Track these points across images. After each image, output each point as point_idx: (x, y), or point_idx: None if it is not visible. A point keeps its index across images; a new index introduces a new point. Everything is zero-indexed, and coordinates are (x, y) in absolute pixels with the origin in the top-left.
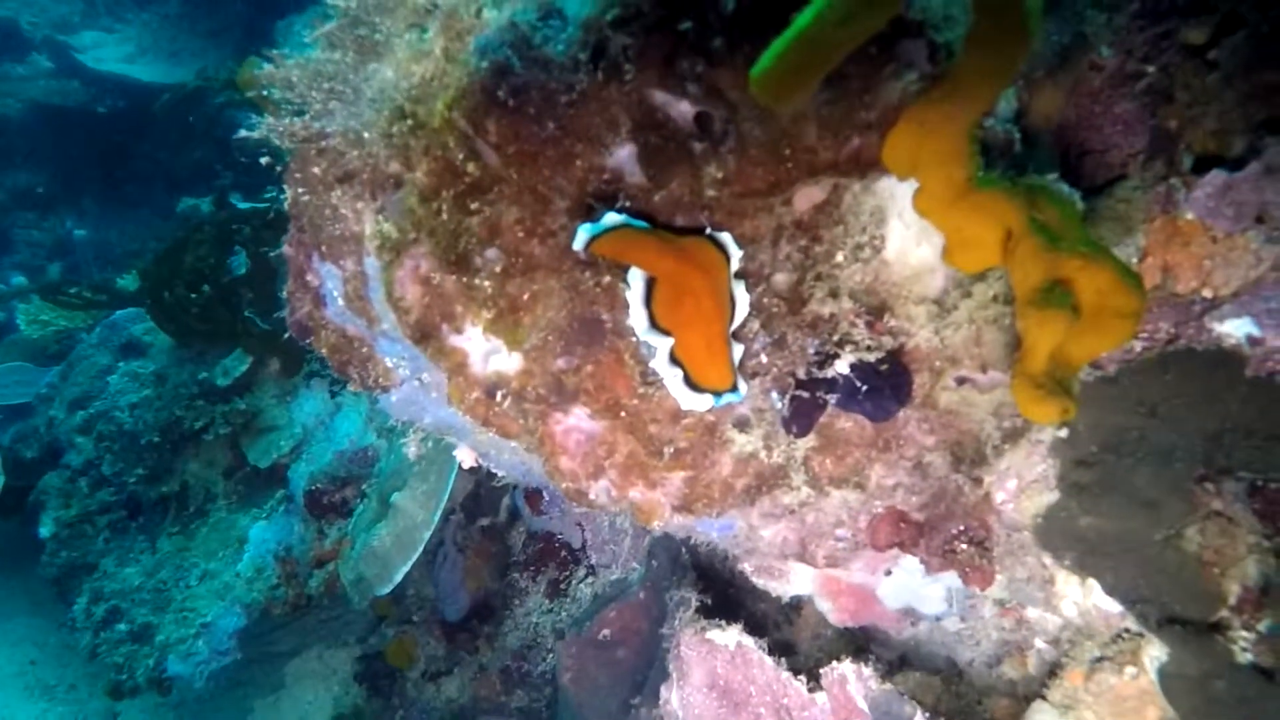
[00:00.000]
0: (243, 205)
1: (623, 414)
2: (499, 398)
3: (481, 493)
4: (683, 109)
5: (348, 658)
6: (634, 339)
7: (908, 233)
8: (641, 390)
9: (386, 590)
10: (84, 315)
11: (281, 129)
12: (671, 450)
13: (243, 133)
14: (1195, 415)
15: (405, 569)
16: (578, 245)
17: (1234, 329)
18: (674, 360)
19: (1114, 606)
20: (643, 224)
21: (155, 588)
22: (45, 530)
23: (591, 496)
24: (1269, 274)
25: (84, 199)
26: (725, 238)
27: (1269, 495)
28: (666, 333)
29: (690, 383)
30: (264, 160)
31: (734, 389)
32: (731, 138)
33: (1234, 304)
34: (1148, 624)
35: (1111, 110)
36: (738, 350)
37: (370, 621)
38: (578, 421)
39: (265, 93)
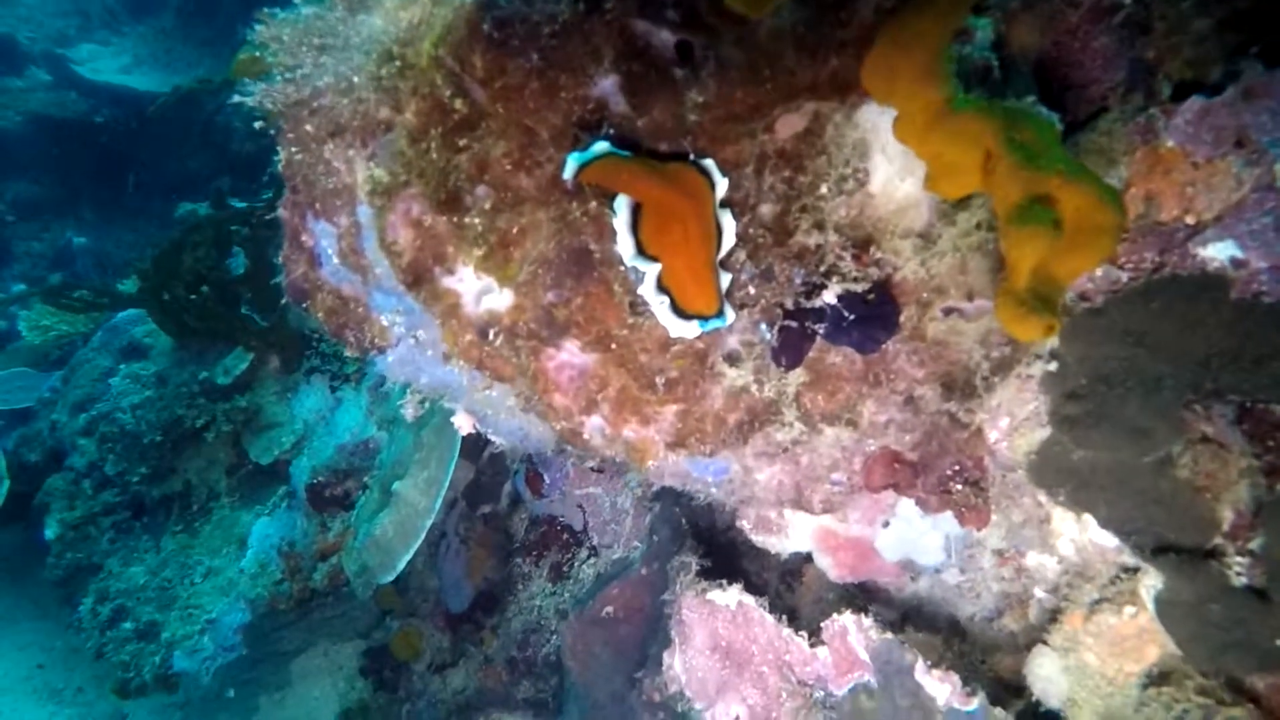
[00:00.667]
0: (240, 205)
1: (613, 345)
2: (491, 337)
3: (483, 481)
4: (663, 37)
5: (353, 652)
6: (622, 268)
7: (891, 167)
8: (631, 320)
9: (390, 578)
10: (85, 320)
11: (275, 93)
12: (663, 381)
13: (236, 98)
14: (1182, 341)
15: (408, 556)
16: (567, 174)
17: (1217, 252)
18: (661, 287)
19: (1110, 541)
20: (629, 153)
21: (160, 586)
22: (50, 532)
23: (586, 436)
24: (1250, 196)
25: (83, 208)
26: (709, 165)
27: (1257, 416)
28: (654, 259)
29: (677, 309)
30: (258, 124)
31: (720, 314)
32: (711, 62)
33: (1216, 228)
34: (1143, 554)
35: (1090, 45)
36: (725, 279)
37: (375, 615)
38: (569, 356)
39: (258, 53)
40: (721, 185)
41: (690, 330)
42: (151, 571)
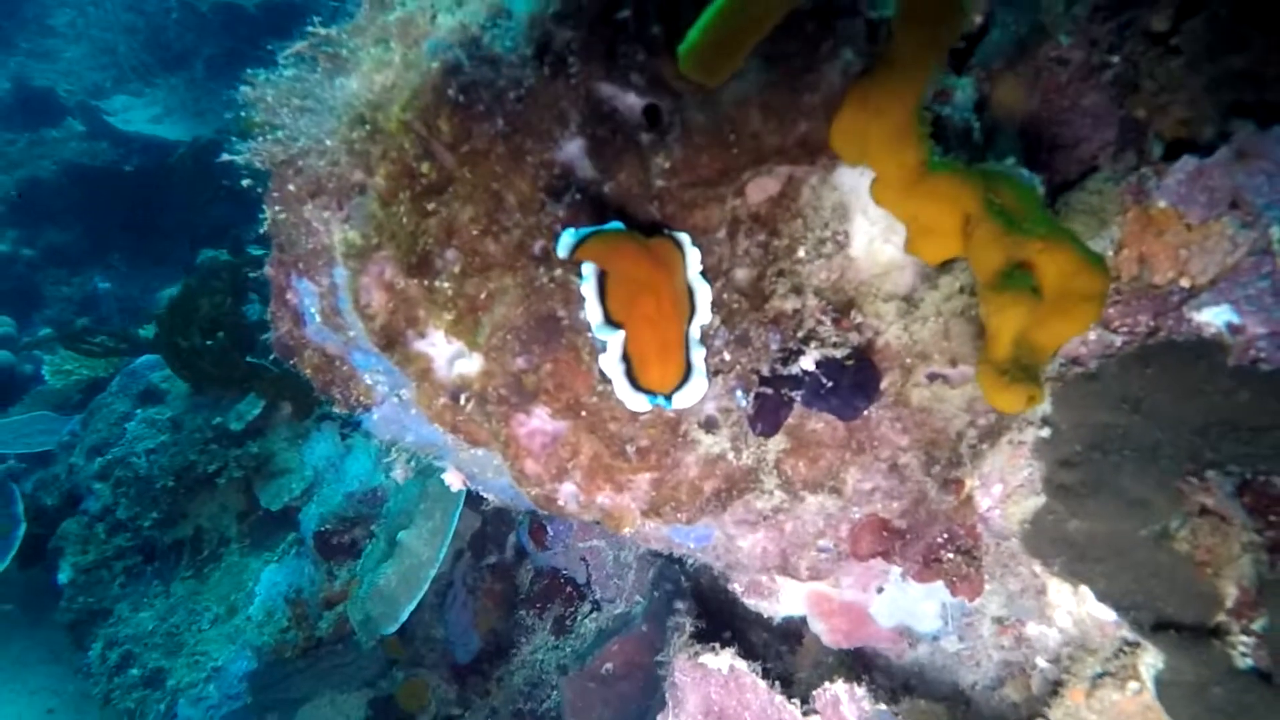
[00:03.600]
0: (257, 252)
1: (583, 413)
2: (463, 401)
3: (488, 530)
4: (629, 101)
5: (360, 701)
6: (591, 335)
7: (874, 229)
8: (600, 388)
9: (393, 629)
10: (106, 364)
11: (262, 152)
12: (634, 449)
13: (225, 156)
14: (1179, 409)
15: (411, 607)
16: (562, 252)
17: (1213, 317)
18: (624, 356)
19: (1108, 614)
20: (618, 225)
21: (168, 632)
22: (64, 576)
23: (561, 502)
24: (1246, 260)
25: (111, 255)
26: (684, 238)
27: (1258, 489)
28: (621, 327)
29: (633, 381)
30: (245, 183)
31: (668, 396)
32: (678, 127)
33: (1212, 292)
34: (1142, 630)
35: (1079, 103)
36: (700, 352)
37: (381, 664)
38: (540, 423)
39: (243, 114)
40: (695, 257)
41: (640, 404)
42: (160, 617)
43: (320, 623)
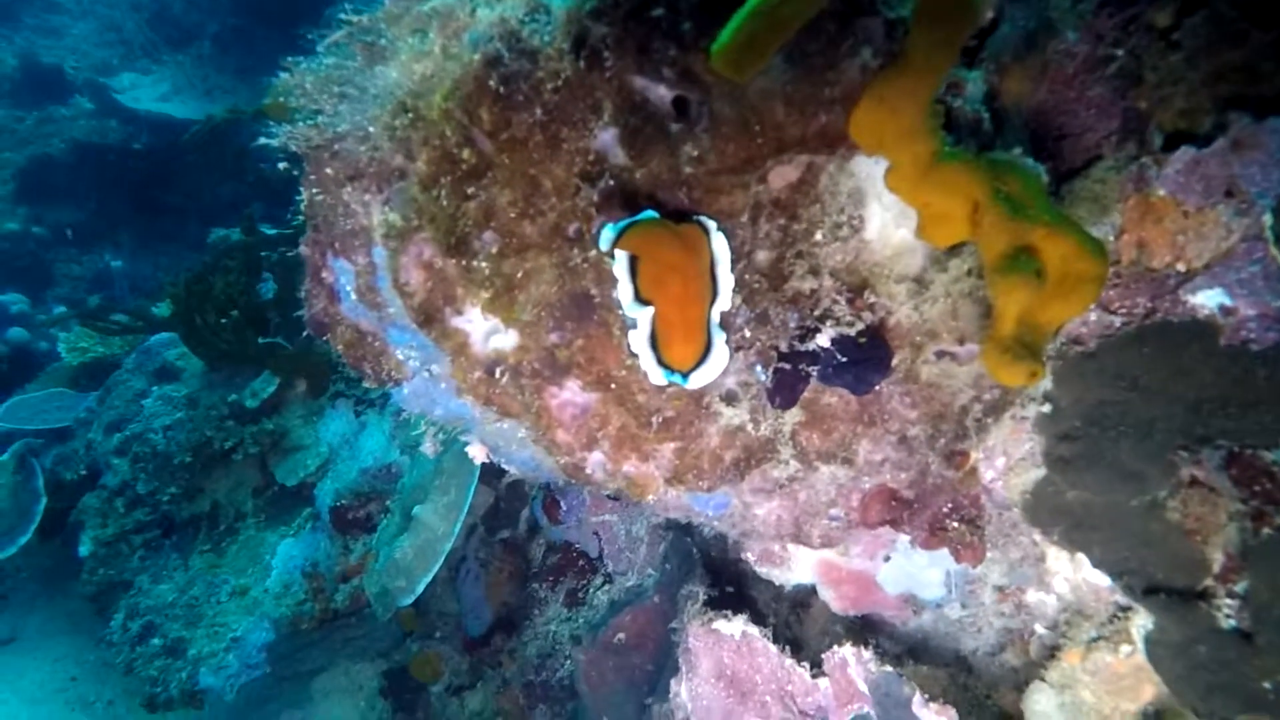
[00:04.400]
0: (270, 232)
1: (612, 385)
2: (498, 374)
3: (501, 506)
4: (661, 93)
5: (374, 672)
6: (621, 313)
7: (887, 214)
8: (629, 361)
9: (410, 601)
10: (121, 342)
11: (298, 136)
12: (659, 420)
13: (262, 140)
14: (1173, 386)
15: (427, 579)
16: (604, 245)
17: (1207, 300)
18: (653, 334)
19: (1104, 580)
20: (651, 214)
21: (188, 604)
22: (84, 549)
23: (588, 471)
24: (1239, 245)
25: (121, 233)
26: (710, 223)
27: (1245, 462)
28: (649, 304)
29: (658, 355)
30: (282, 166)
31: (686, 374)
32: (705, 118)
33: (1206, 276)
34: (1134, 594)
35: (1085, 94)
36: (720, 336)
37: (395, 636)
38: (571, 395)
39: (281, 99)
40: (720, 243)
41: (660, 379)
42: (180, 589)
43: (336, 595)
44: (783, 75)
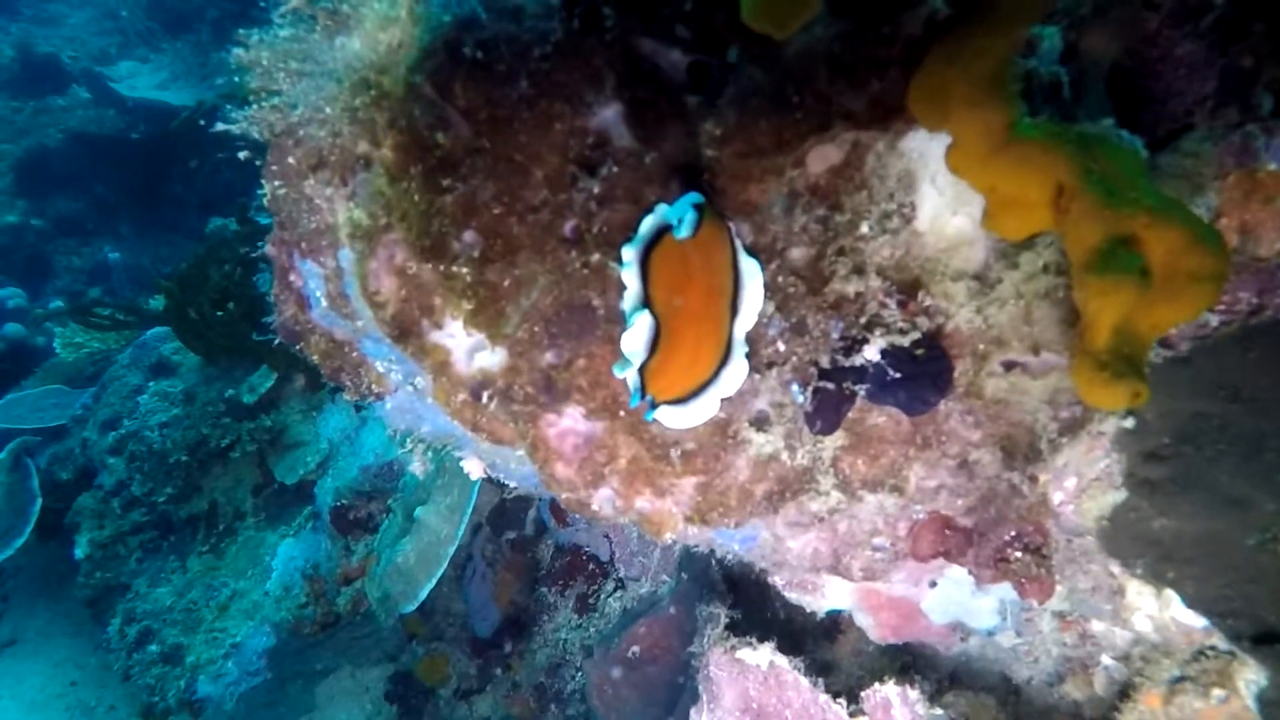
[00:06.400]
0: (266, 221)
1: (622, 412)
2: (485, 399)
3: (507, 505)
4: (674, 58)
5: (380, 676)
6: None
7: (941, 199)
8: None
9: (412, 607)
10: (118, 336)
11: (259, 120)
12: (679, 452)
13: (221, 126)
14: None
15: (430, 585)
16: (686, 231)
17: None
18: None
19: (1198, 621)
20: (697, 197)
21: (186, 608)
22: (80, 551)
23: (595, 508)
24: None
25: (120, 224)
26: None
27: None
28: (654, 315)
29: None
30: (243, 155)
31: (652, 406)
32: (731, 87)
33: None
34: (1240, 642)
35: (1172, 53)
36: (741, 349)
37: (401, 638)
38: (572, 423)
39: (237, 79)
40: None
41: (635, 400)
42: (178, 593)
43: (338, 599)
44: (827, 31)
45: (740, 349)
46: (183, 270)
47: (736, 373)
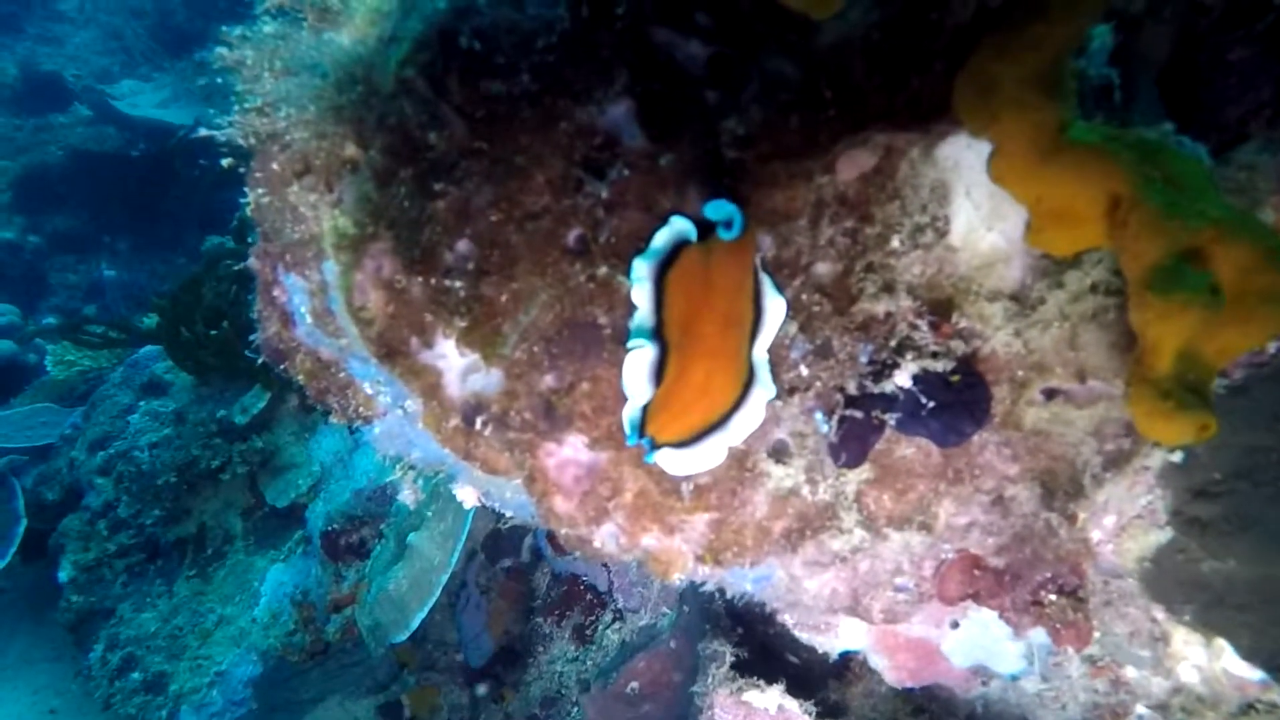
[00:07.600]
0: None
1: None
2: (479, 425)
3: (503, 531)
4: (692, 49)
5: (369, 706)
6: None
7: (976, 214)
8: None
9: (403, 637)
10: (110, 354)
11: (244, 125)
12: (690, 486)
13: (203, 131)
14: None
15: (422, 614)
16: (734, 234)
17: None
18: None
19: (1253, 673)
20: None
21: (171, 634)
22: (64, 575)
23: (597, 544)
24: None
25: (118, 241)
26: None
27: None
28: (664, 341)
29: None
30: (226, 162)
31: (655, 447)
32: (755, 82)
33: None
34: None
35: (1224, 59)
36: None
37: (392, 667)
38: (573, 453)
39: (219, 80)
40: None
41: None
42: (163, 618)
43: (328, 626)
44: (865, 19)
45: (760, 387)
46: (176, 288)
47: (750, 417)
